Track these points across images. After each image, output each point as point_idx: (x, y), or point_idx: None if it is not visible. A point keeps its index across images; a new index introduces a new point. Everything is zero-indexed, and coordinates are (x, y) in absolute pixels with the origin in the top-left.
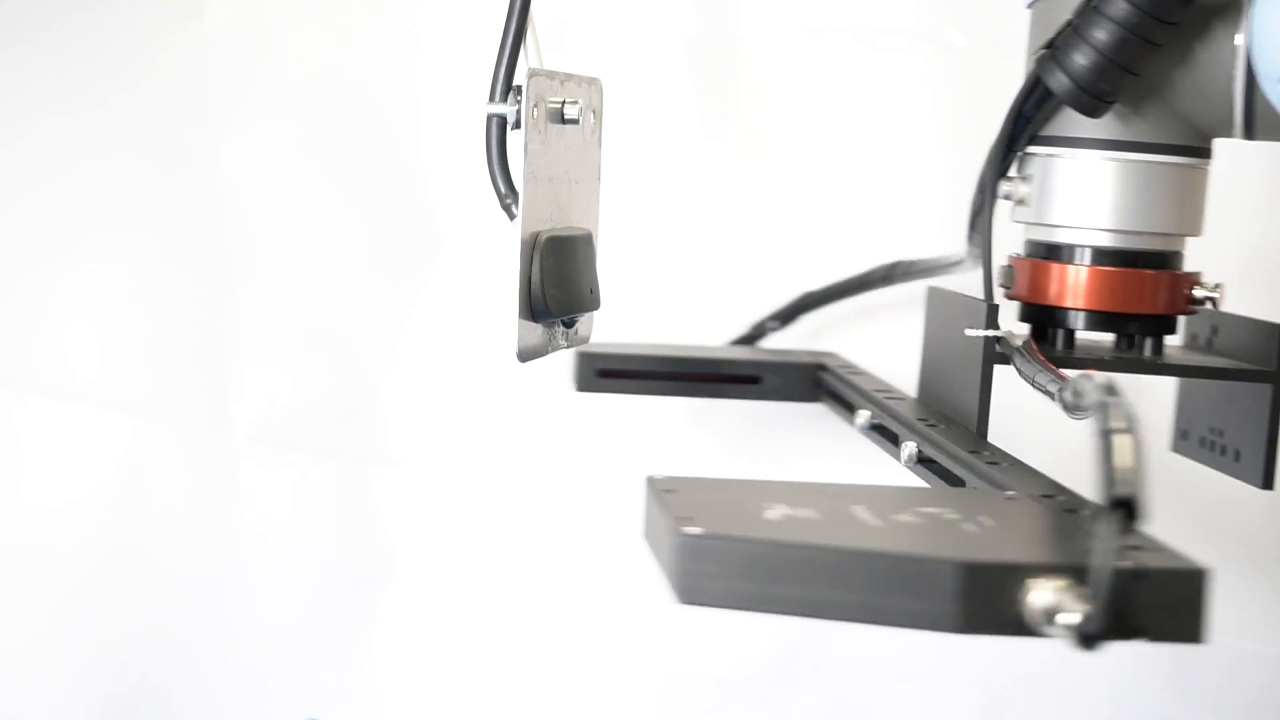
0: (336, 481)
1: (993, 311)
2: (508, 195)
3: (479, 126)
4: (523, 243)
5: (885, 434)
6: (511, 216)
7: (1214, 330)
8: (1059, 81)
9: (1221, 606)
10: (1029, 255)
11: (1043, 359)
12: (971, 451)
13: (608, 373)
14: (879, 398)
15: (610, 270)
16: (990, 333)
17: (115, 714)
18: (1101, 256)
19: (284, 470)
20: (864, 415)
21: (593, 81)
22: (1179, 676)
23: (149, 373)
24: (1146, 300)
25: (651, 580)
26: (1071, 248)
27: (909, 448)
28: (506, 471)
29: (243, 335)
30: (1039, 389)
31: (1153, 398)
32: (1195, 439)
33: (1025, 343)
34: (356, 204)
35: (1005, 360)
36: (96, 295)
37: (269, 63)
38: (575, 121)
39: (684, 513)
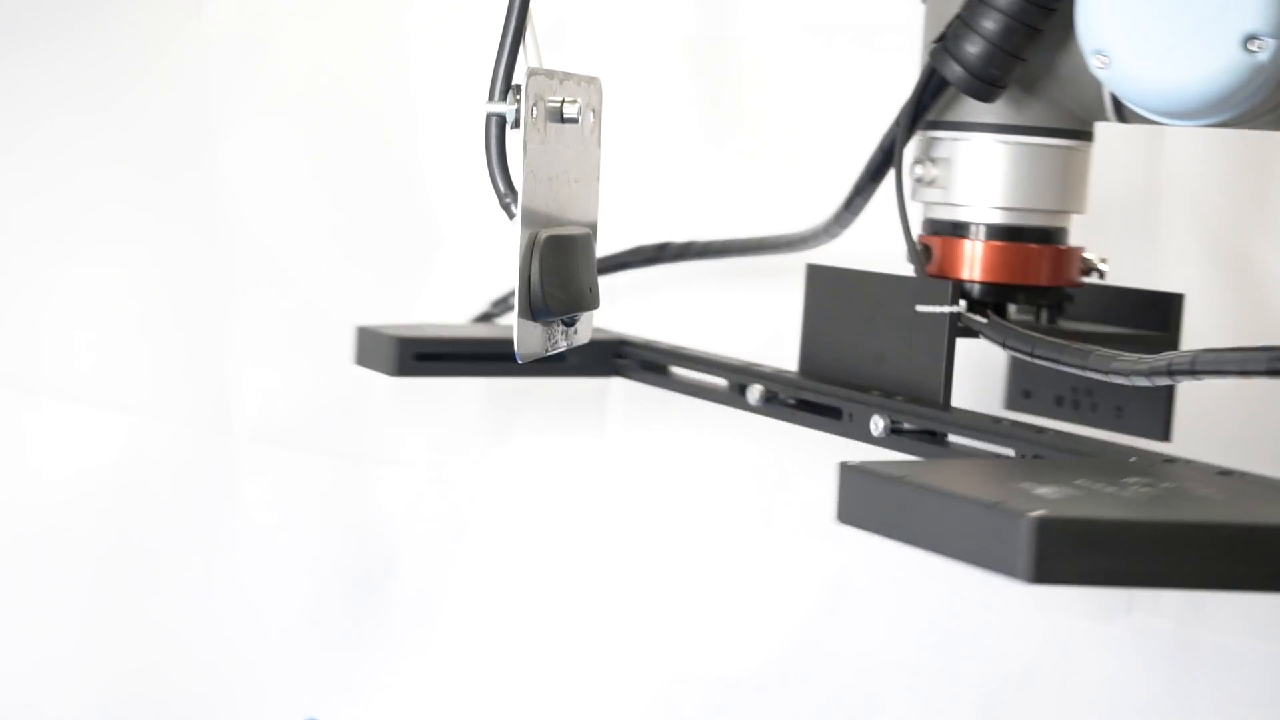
0: (336, 481)
1: (956, 289)
2: (507, 195)
3: (478, 126)
4: (522, 242)
5: (820, 410)
6: (511, 216)
7: (1102, 301)
8: (952, 70)
9: (1221, 606)
10: (933, 233)
11: (1035, 333)
12: (965, 425)
13: (424, 356)
14: (769, 372)
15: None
16: (953, 309)
17: (115, 713)
18: (995, 232)
19: (283, 470)
20: (757, 390)
21: (592, 81)
22: (1179, 676)
23: (149, 373)
24: (1034, 273)
25: (651, 580)
26: (968, 225)
27: (879, 422)
28: (506, 471)
29: (242, 335)
30: (1023, 355)
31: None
32: (1048, 399)
33: (990, 317)
34: (356, 203)
35: (968, 333)
36: (96, 296)
37: (268, 63)
38: (575, 121)
39: (983, 495)
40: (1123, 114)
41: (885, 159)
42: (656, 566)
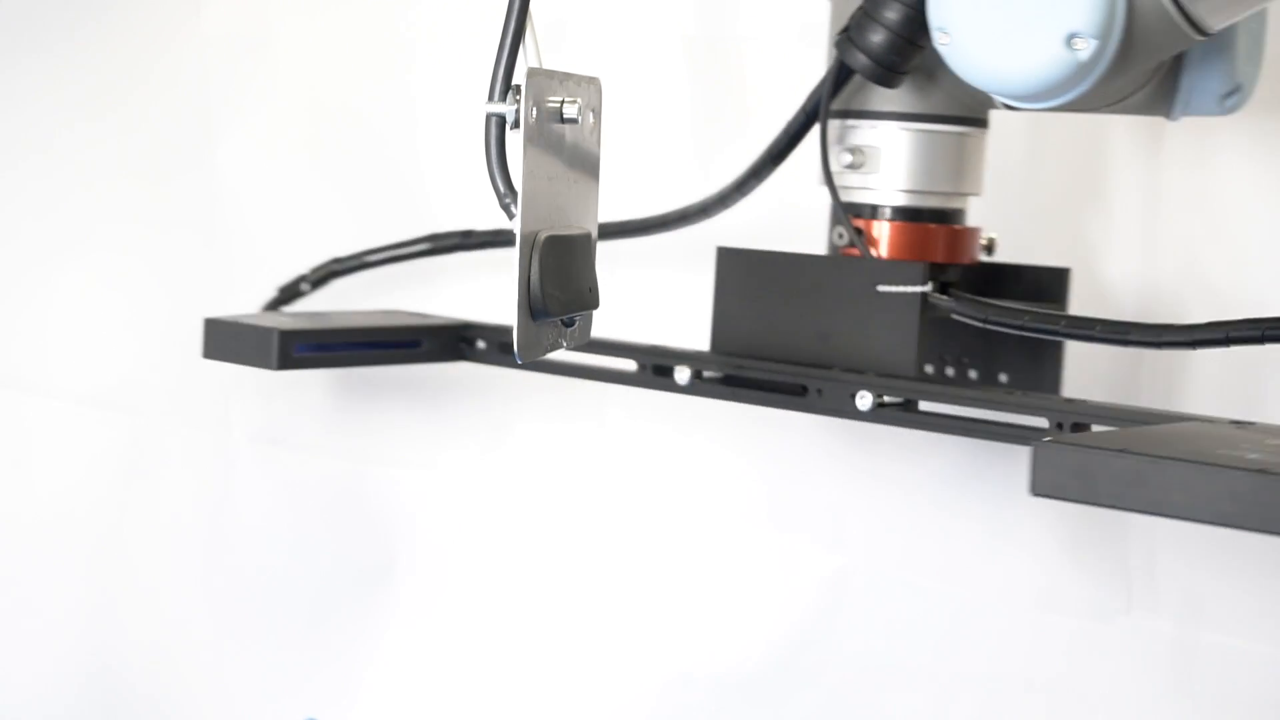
0: (336, 481)
1: (926, 270)
2: (507, 195)
3: (478, 126)
4: (522, 242)
5: (785, 389)
6: (511, 216)
7: (997, 276)
8: (857, 59)
9: (1221, 606)
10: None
11: (1001, 303)
12: (988, 400)
13: (305, 348)
14: (699, 354)
15: (609, 270)
16: (920, 289)
17: (115, 713)
18: (899, 214)
19: (283, 470)
20: (685, 373)
21: (592, 81)
22: (1179, 676)
23: (149, 373)
24: (933, 250)
25: (651, 580)
26: (875, 207)
27: (866, 397)
28: (506, 472)
29: None
30: (1001, 327)
31: None
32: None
33: (956, 294)
34: (355, 204)
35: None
36: (97, 296)
37: (267, 63)
38: (574, 121)
39: (1225, 460)
40: (1010, 102)
41: (789, 143)
42: (656, 565)
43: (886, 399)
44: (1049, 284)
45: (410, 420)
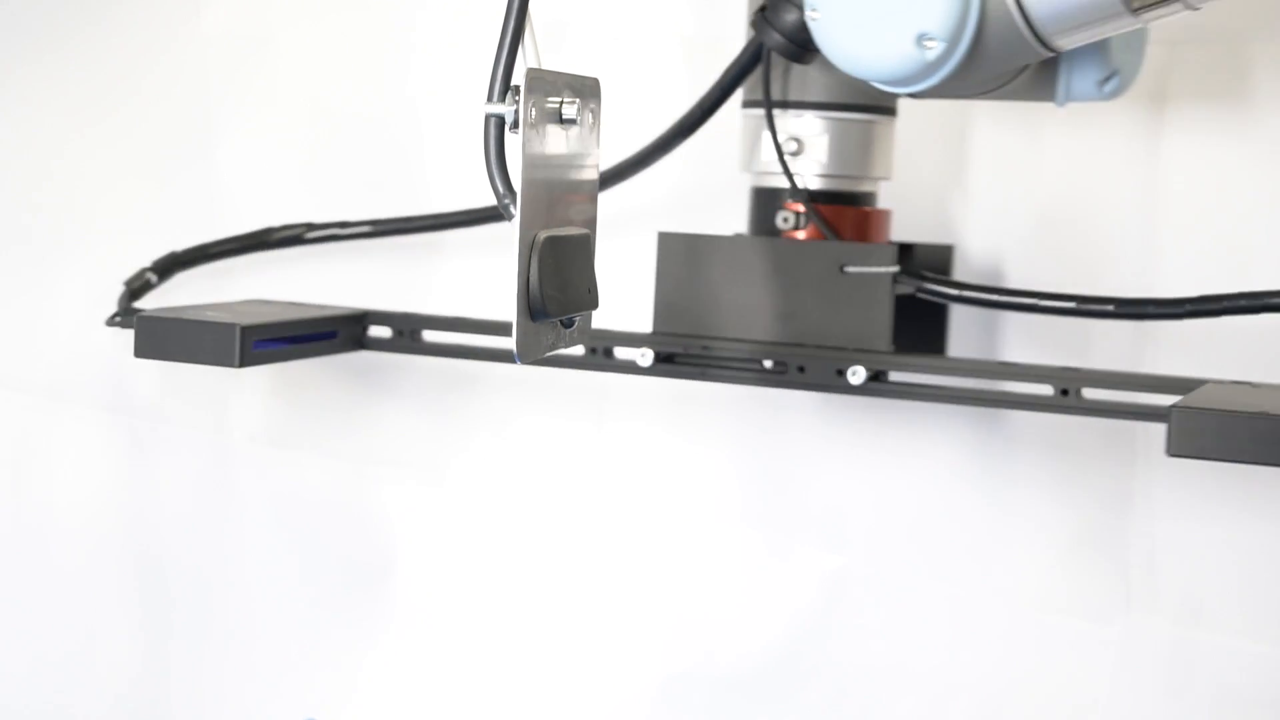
0: (336, 481)
1: (900, 251)
2: (506, 195)
3: (477, 127)
4: (521, 243)
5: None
6: (510, 217)
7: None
8: (772, 38)
9: (1221, 606)
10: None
11: (965, 283)
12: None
13: (261, 342)
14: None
15: (609, 269)
16: (891, 269)
17: (115, 712)
18: (816, 197)
19: (283, 470)
20: (646, 355)
21: (591, 81)
22: (1179, 676)
23: (149, 373)
24: (847, 231)
25: (651, 580)
26: (796, 190)
27: (858, 372)
28: (506, 472)
29: None
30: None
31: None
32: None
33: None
34: (355, 204)
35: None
36: (96, 296)
37: (267, 64)
38: (574, 121)
39: None
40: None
41: (692, 126)
42: (655, 565)
43: (894, 375)
44: (937, 259)
45: (410, 420)
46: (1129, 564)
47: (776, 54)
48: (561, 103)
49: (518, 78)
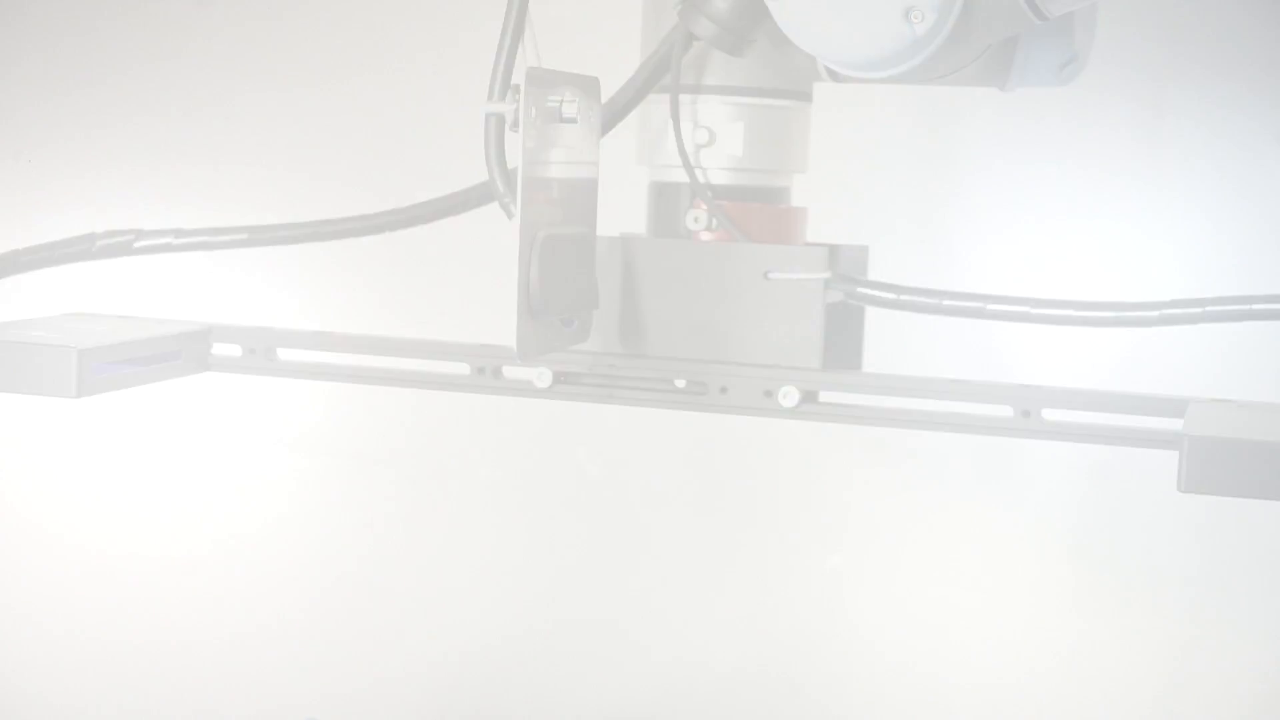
0: (336, 481)
1: (828, 255)
2: (506, 194)
3: (477, 126)
4: (521, 241)
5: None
6: (510, 216)
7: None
8: (703, 26)
9: (1221, 606)
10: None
11: (905, 286)
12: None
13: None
14: (585, 355)
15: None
16: (823, 275)
17: (115, 712)
18: (723, 193)
19: (283, 470)
20: (544, 375)
21: (591, 81)
22: (1179, 676)
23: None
24: (756, 231)
25: (651, 579)
26: (700, 186)
27: (790, 393)
28: (506, 472)
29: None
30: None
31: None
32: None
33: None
34: (354, 204)
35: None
36: (95, 296)
37: (267, 64)
38: (573, 120)
39: None
40: (835, 72)
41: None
42: (655, 564)
43: (828, 395)
44: (852, 261)
45: (410, 420)
46: (1130, 564)
47: (711, 46)
48: (561, 102)
49: (518, 77)
